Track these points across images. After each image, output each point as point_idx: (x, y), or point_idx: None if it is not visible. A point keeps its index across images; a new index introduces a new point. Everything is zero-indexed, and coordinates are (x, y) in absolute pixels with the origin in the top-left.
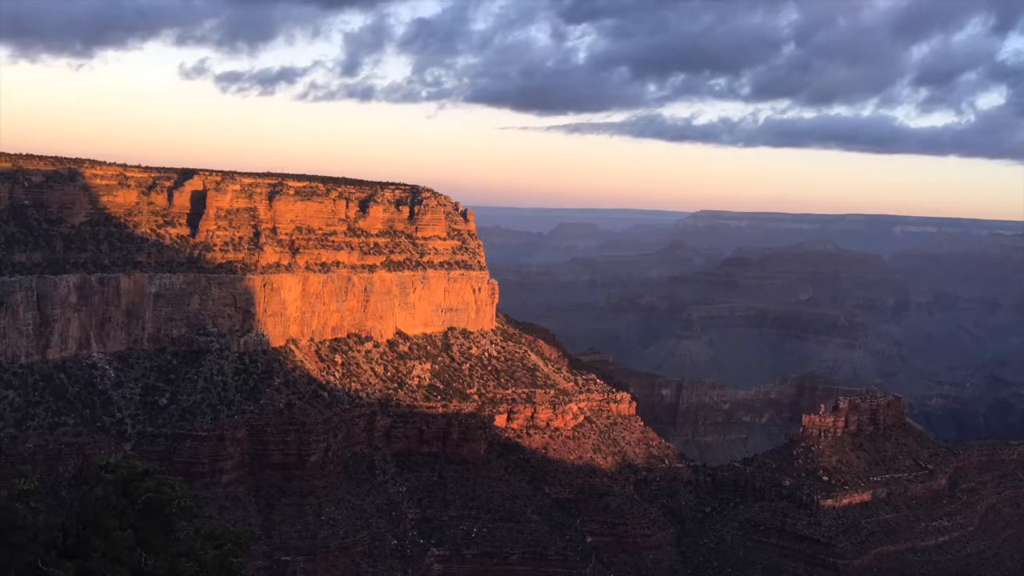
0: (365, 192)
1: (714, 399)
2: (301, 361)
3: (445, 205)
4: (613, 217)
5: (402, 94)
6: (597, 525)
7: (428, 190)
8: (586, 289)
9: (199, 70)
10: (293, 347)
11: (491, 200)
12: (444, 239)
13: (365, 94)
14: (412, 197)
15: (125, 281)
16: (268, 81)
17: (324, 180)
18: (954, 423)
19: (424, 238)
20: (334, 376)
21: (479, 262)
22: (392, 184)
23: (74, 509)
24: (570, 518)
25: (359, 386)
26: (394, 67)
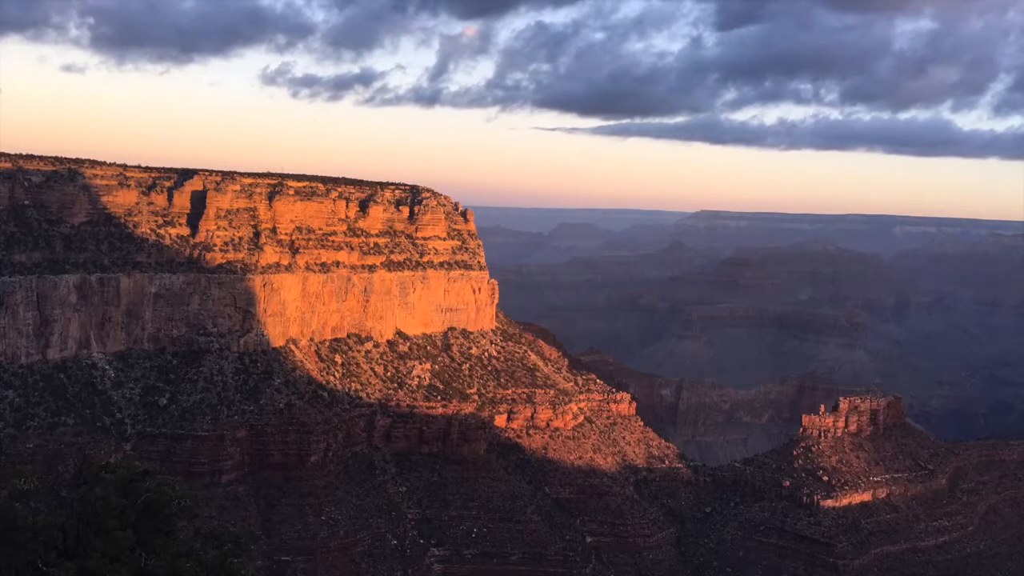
0: (365, 192)
1: (714, 399)
2: (301, 361)
3: (445, 205)
4: (613, 217)
5: (470, 98)
6: (597, 525)
7: (428, 190)
8: (586, 289)
9: (282, 73)
10: (293, 347)
11: (498, 200)
12: (444, 239)
13: (431, 99)
14: (412, 197)
15: (125, 281)
16: (342, 86)
17: (324, 180)
18: (954, 423)
19: (424, 238)
20: (334, 376)
21: (479, 262)
22: (392, 184)
23: (74, 509)
24: (570, 518)
25: (359, 386)
26: (479, 72)
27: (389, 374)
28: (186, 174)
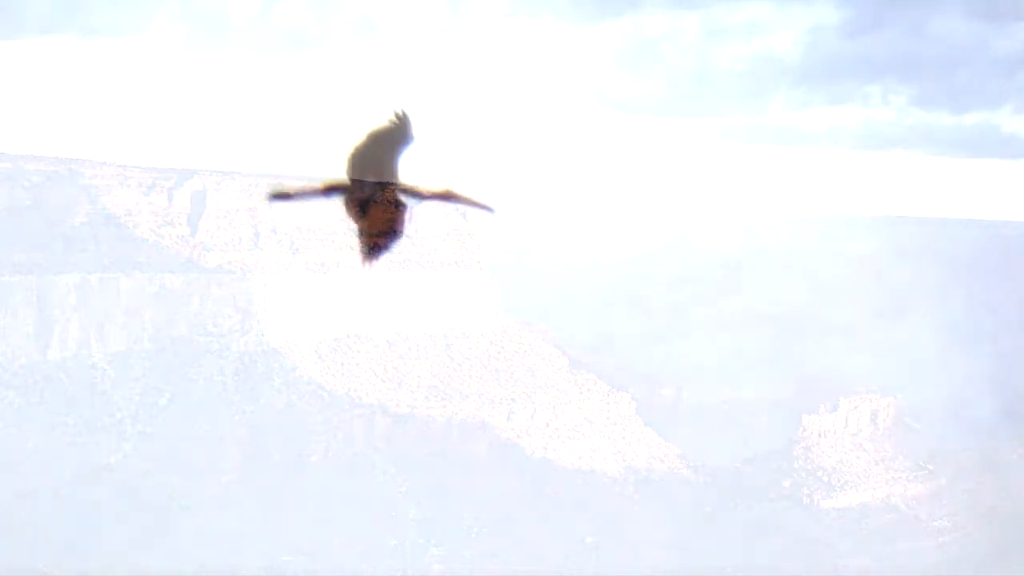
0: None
1: (714, 399)
2: (301, 361)
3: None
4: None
5: None
6: (597, 525)
7: None
8: (586, 289)
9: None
10: (293, 347)
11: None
12: (444, 239)
13: None
14: None
15: (125, 281)
16: None
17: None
18: (954, 423)
19: (424, 238)
20: (334, 376)
21: (479, 262)
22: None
23: (74, 509)
24: (570, 518)
25: (359, 386)
26: None
27: (389, 374)
28: (185, 174)
